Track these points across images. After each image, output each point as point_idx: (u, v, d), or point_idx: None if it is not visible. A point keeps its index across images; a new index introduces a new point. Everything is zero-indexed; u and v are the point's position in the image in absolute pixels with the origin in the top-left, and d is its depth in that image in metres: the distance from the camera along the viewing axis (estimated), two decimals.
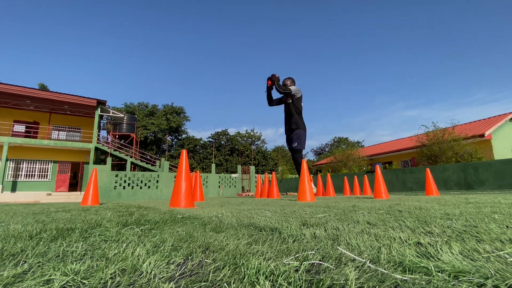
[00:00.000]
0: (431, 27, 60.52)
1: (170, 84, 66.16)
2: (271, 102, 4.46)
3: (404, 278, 0.40)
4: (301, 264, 0.51)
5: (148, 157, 22.38)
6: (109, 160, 13.82)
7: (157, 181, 14.14)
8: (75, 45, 57.85)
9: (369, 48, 65.42)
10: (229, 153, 37.39)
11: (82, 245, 0.79)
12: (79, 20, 55.21)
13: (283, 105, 4.52)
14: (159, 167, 18.86)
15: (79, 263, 0.58)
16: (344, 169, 15.73)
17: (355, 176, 8.42)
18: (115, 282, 0.46)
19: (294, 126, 4.28)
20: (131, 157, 18.77)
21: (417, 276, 0.40)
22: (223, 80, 68.41)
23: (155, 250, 0.68)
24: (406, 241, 0.67)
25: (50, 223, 1.45)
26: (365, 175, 7.84)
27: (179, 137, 38.41)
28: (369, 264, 0.47)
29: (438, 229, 0.86)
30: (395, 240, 0.69)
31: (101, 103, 17.04)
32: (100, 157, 20.30)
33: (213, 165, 16.88)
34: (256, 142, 40.38)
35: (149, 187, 13.88)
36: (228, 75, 68.58)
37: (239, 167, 17.47)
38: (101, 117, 19.08)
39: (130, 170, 17.34)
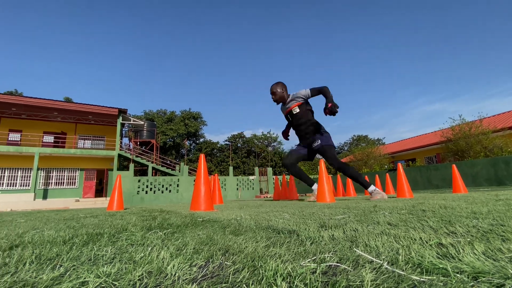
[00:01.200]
0: (450, 16, 57.75)
1: (186, 90, 67.67)
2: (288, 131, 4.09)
3: (421, 279, 0.40)
4: (318, 266, 0.52)
5: (168, 162, 22.99)
6: (131, 166, 14.35)
7: (178, 185, 14.48)
8: (93, 56, 60.64)
9: (384, 43, 63.50)
10: (246, 156, 37.59)
11: (111, 249, 0.84)
12: (97, 31, 57.92)
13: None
14: (179, 171, 19.32)
15: (109, 266, 0.62)
16: (365, 168, 15.32)
17: (376, 175, 8.18)
18: (143, 283, 0.50)
19: (313, 131, 3.71)
20: (152, 162, 19.37)
21: (435, 277, 0.40)
22: (237, 84, 68.96)
23: (178, 253, 0.71)
24: (426, 242, 0.66)
25: (81, 229, 1.54)
26: (387, 174, 7.60)
27: (197, 142, 39.16)
28: (387, 266, 0.48)
29: (463, 228, 0.84)
30: (415, 241, 0.68)
31: (122, 112, 17.75)
32: (123, 163, 21.14)
33: (231, 168, 17.04)
34: (272, 144, 40.34)
35: (170, 191, 14.25)
36: (241, 78, 69.07)
37: (257, 169, 17.52)
38: (122, 125, 19.88)
39: (152, 175, 17.90)
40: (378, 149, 17.21)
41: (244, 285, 0.45)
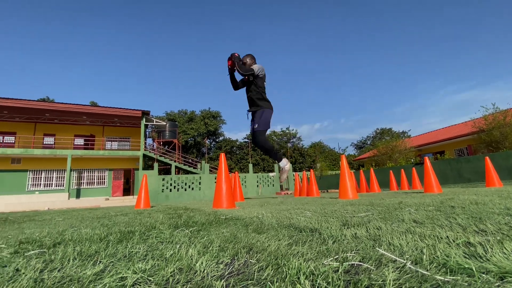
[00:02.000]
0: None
1: (205, 89, 68.76)
2: (236, 85, 3.88)
3: (445, 279, 0.40)
4: (341, 265, 0.53)
5: (189, 160, 23.58)
6: (156, 165, 14.90)
7: (200, 183, 14.84)
8: (114, 60, 63.27)
9: (405, 28, 60.51)
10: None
11: (143, 246, 0.90)
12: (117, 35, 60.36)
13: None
14: (200, 170, 19.76)
15: (143, 262, 0.67)
16: (389, 163, 14.77)
17: (402, 169, 7.88)
18: (175, 279, 0.54)
19: (257, 106, 3.70)
20: (174, 161, 19.98)
21: (459, 278, 0.40)
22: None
23: (205, 251, 0.75)
24: (453, 241, 0.64)
25: (113, 227, 1.65)
26: (413, 168, 7.29)
27: (217, 140, 39.75)
28: (410, 265, 0.48)
29: (494, 226, 0.81)
30: (441, 239, 0.67)
31: (145, 114, 18.43)
32: (148, 163, 22.00)
33: (250, 165, 17.16)
34: (291, 140, 40.01)
35: (192, 188, 14.64)
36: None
37: (276, 166, 17.49)
38: (146, 126, 20.64)
39: (175, 174, 18.47)
40: (403, 142, 16.50)
41: (269, 283, 0.47)
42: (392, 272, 0.47)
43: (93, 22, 56.11)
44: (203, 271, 0.57)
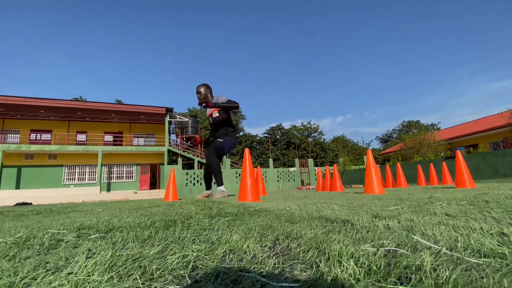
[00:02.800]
0: None
1: (224, 85, 69.32)
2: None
3: (479, 261, 0.44)
4: (378, 250, 0.59)
5: None
6: (179, 160, 15.43)
7: None
8: (139, 58, 65.38)
9: (434, 16, 56.89)
10: (285, 147, 37.42)
11: (188, 232, 1.00)
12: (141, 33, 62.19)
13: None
14: (222, 164, 20.18)
15: (195, 245, 0.77)
16: (417, 157, 14.17)
17: (431, 163, 7.56)
18: (229, 257, 0.62)
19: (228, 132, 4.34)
20: (197, 156, 20.54)
21: (492, 260, 0.44)
22: (274, 75, 68.36)
23: (247, 236, 0.83)
24: (487, 231, 0.67)
25: (153, 216, 1.79)
26: (444, 162, 6.97)
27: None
28: (445, 251, 0.52)
29: None
30: (475, 230, 0.70)
31: (169, 111, 19.06)
32: (172, 158, 22.78)
33: (271, 160, 17.22)
34: (313, 134, 39.44)
35: (214, 182, 14.99)
36: (277, 69, 68.23)
37: (297, 161, 17.42)
38: (170, 122, 21.33)
39: (197, 168, 19.01)
40: (432, 135, 15.71)
41: (316, 260, 0.54)
42: (429, 256, 0.51)
43: (115, 20, 58.38)
44: (251, 252, 0.65)
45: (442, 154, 14.03)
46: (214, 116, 4.32)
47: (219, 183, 4.40)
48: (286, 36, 67.94)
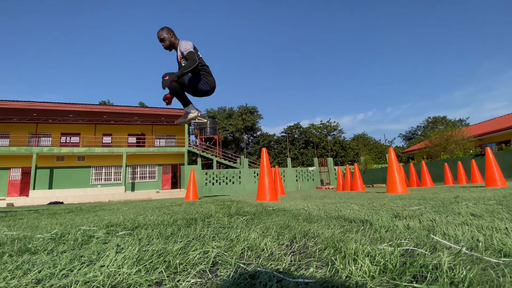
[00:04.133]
0: None
1: (242, 85, 69.81)
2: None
3: (499, 261, 0.44)
4: (395, 249, 0.59)
5: (229, 155, 24.40)
6: (199, 160, 15.76)
7: (239, 177, 15.30)
8: (157, 60, 67.45)
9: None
10: (304, 146, 37.02)
11: (208, 230, 1.04)
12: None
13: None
14: (240, 164, 20.34)
15: (215, 242, 0.80)
16: (444, 154, 13.50)
17: (459, 161, 7.19)
18: (247, 254, 0.65)
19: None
20: (216, 156, 20.88)
21: (509, 260, 0.43)
22: (290, 74, 67.82)
23: (264, 234, 0.85)
24: (504, 231, 0.65)
25: (175, 215, 1.86)
26: (473, 160, 6.60)
27: (254, 135, 40.28)
28: (465, 251, 0.51)
29: None
30: (499, 230, 0.68)
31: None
32: (192, 158, 23.33)
33: (289, 159, 17.13)
34: (332, 133, 38.73)
35: (233, 182, 15.17)
36: (295, 68, 67.61)
37: (316, 160, 17.19)
38: (189, 124, 21.85)
39: (216, 168, 19.31)
40: (460, 132, 14.86)
41: (332, 258, 0.55)
42: (447, 256, 0.51)
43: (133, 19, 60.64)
44: (269, 250, 0.67)
45: (471, 151, 13.25)
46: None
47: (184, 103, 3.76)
48: (307, 33, 67.16)
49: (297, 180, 16.13)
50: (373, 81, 66.09)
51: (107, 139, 22.28)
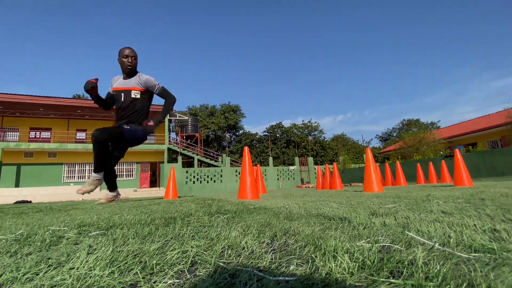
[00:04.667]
0: None
1: (224, 84, 69.27)
2: (107, 104, 3.33)
3: (469, 256, 0.46)
4: (373, 246, 0.60)
5: (211, 154, 24.15)
6: (179, 158, 15.46)
7: (221, 176, 15.18)
8: (143, 55, 65.43)
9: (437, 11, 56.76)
10: (285, 146, 37.44)
11: (188, 229, 1.02)
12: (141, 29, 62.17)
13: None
14: (221, 163, 20.20)
15: (195, 241, 0.78)
16: (417, 155, 14.21)
17: (430, 162, 7.59)
18: (228, 253, 0.63)
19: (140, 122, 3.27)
20: (197, 154, 20.57)
21: (482, 255, 0.45)
22: (274, 74, 68.27)
23: (245, 233, 0.85)
24: (480, 228, 0.68)
25: (153, 214, 1.81)
26: (443, 161, 7.00)
27: (237, 134, 40.16)
28: (438, 246, 0.54)
29: None
30: (469, 227, 0.71)
31: None
32: (172, 156, 22.82)
33: (270, 158, 17.25)
34: (313, 133, 39.46)
35: (214, 181, 15.03)
36: (277, 68, 68.16)
37: (297, 159, 17.45)
38: (170, 121, 21.34)
39: (197, 167, 19.04)
40: (432, 134, 15.74)
41: (312, 255, 0.55)
42: (422, 252, 0.53)
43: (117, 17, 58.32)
44: (250, 248, 0.66)
45: (442, 152, 14.06)
46: (132, 96, 3.15)
47: (97, 167, 3.23)
48: (287, 34, 67.82)
49: (278, 179, 16.28)
50: (353, 84, 68.17)
51: (81, 135, 21.21)
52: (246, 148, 3.52)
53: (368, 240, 0.66)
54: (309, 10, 65.35)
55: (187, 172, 14.58)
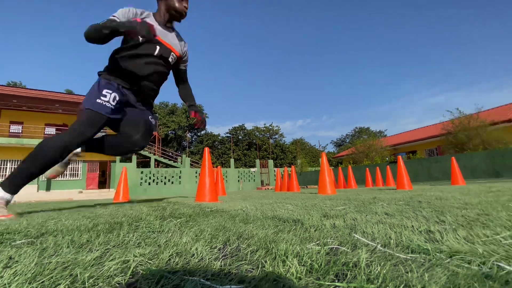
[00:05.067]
0: (456, 7, 56.79)
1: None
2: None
3: (407, 257, 0.49)
4: (322, 248, 0.61)
5: (170, 154, 23.15)
6: (134, 158, 14.50)
7: (180, 177, 14.64)
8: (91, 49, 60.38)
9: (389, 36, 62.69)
10: (247, 148, 37.69)
11: (135, 235, 0.94)
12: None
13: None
14: (181, 163, 19.49)
15: (140, 249, 0.72)
16: (366, 160, 15.43)
17: (377, 167, 8.28)
18: (175, 261, 0.59)
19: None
20: (154, 154, 19.53)
21: (418, 255, 0.48)
22: (239, 76, 68.50)
23: (197, 238, 0.80)
24: (417, 229, 0.75)
25: (97, 218, 1.64)
26: (388, 166, 7.70)
27: (198, 134, 39.20)
28: (380, 247, 0.57)
29: (452, 218, 0.93)
30: (407, 228, 0.77)
31: None
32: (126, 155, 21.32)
33: (232, 160, 17.18)
34: (274, 136, 40.38)
35: (172, 182, 14.42)
36: (243, 70, 68.56)
37: (258, 161, 17.66)
38: None
39: (154, 167, 18.07)
40: (379, 141, 17.29)
41: (262, 261, 0.54)
42: (365, 253, 0.55)
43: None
44: (200, 254, 0.63)
45: (387, 158, 15.49)
46: (170, 59, 2.10)
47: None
48: (258, 38, 68.59)
49: (239, 180, 16.27)
50: (315, 91, 71.67)
51: (16, 128, 18.68)
52: (206, 149, 3.43)
53: (318, 242, 0.68)
54: (278, 9, 67.10)
55: (142, 172, 13.76)
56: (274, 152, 36.59)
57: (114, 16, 1.88)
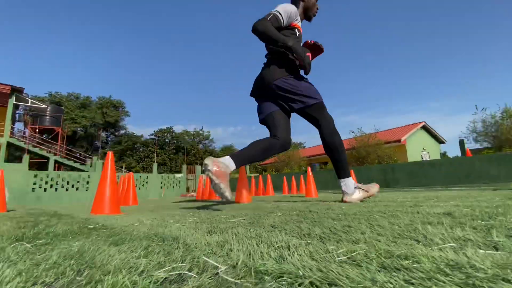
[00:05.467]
0: (366, 32, 68.05)
1: (109, 76, 60.22)
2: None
3: (236, 281, 0.48)
4: (168, 274, 0.57)
5: (77, 155, 19.96)
6: (26, 157, 11.95)
7: (88, 182, 12.75)
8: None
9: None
10: (174, 152, 35.86)
11: None
12: None
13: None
14: (90, 166, 17.01)
15: None
16: (286, 169, 16.64)
17: (293, 176, 8.98)
18: None
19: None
20: (55, 154, 16.51)
21: (245, 280, 0.49)
22: (169, 75, 65.16)
23: (28, 270, 0.65)
24: (277, 245, 0.78)
25: None
26: (302, 175, 8.44)
27: (116, 133, 35.19)
28: (221, 274, 0.55)
29: (319, 230, 1.02)
30: (271, 245, 0.80)
31: (16, 91, 14.56)
32: (15, 154, 17.32)
33: (155, 165, 16.01)
34: (203, 141, 39.64)
35: (77, 188, 12.42)
36: (173, 69, 65.59)
37: (184, 167, 16.95)
38: (16, 107, 16.31)
39: (54, 170, 15.22)
40: (298, 152, 19.00)
41: None
42: (208, 278, 0.53)
43: None
44: None
45: (304, 168, 17.11)
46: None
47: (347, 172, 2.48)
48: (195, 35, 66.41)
49: (161, 187, 15.20)
50: (243, 98, 73.83)
51: None
52: (109, 153, 3.06)
53: (169, 267, 0.63)
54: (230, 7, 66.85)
55: (35, 176, 11.38)
56: (203, 157, 35.83)
57: (277, 11, 2.08)
